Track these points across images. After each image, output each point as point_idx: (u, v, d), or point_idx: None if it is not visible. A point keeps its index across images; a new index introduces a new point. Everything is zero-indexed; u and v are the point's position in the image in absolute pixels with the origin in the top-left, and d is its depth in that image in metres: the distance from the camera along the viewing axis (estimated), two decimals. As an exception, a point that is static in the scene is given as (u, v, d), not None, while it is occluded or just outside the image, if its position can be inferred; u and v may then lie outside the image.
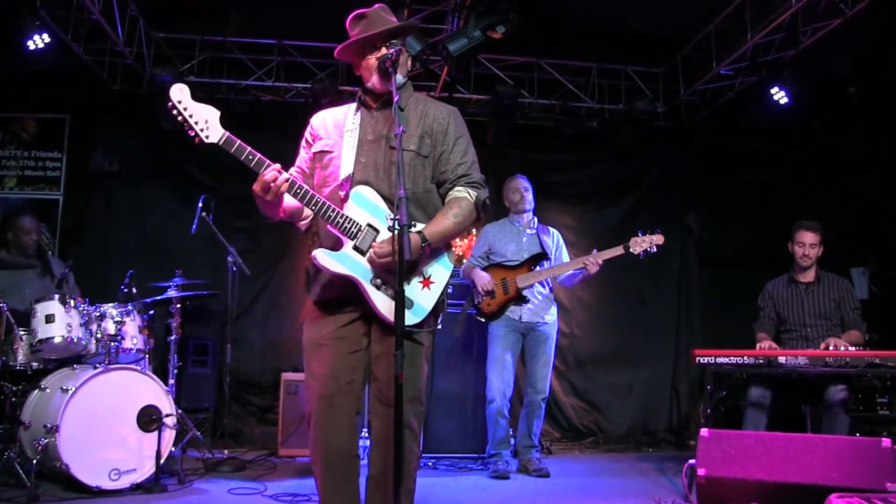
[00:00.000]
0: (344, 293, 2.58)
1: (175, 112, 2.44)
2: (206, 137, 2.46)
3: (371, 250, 2.53)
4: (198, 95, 2.45)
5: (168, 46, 6.26)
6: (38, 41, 5.32)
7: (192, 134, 2.45)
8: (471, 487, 4.61)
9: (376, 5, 2.75)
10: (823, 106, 6.52)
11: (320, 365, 2.59)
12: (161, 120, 5.87)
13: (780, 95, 6.11)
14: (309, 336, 2.66)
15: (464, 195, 2.68)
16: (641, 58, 6.67)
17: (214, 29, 6.21)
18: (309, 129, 2.84)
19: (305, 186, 2.54)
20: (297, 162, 2.84)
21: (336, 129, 2.74)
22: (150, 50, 6.15)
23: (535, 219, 5.29)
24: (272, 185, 2.46)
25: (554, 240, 5.25)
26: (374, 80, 2.67)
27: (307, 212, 2.74)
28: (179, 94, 2.45)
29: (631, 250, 4.80)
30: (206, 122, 2.46)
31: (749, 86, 6.22)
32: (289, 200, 2.62)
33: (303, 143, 2.85)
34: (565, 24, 6.12)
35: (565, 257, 5.23)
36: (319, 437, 2.56)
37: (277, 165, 2.50)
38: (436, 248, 2.63)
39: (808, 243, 4.71)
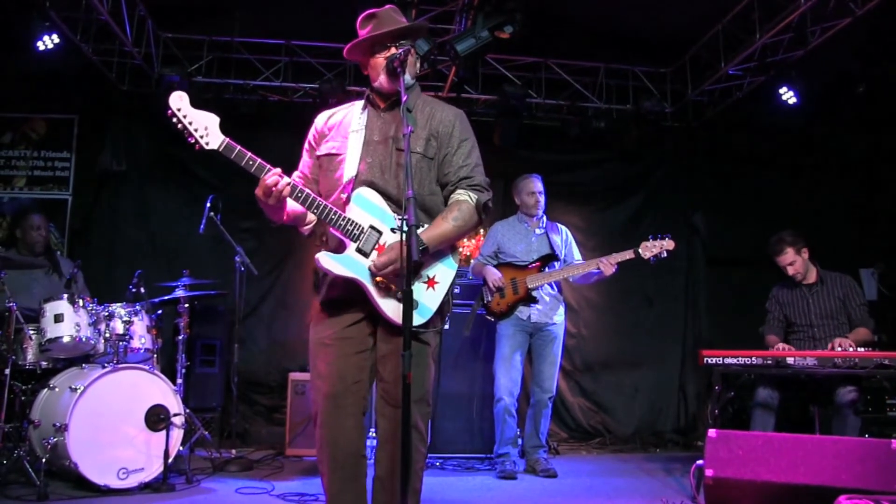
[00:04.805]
0: (350, 293, 2.58)
1: (175, 120, 2.47)
2: (206, 144, 2.48)
3: (371, 264, 2.52)
4: (205, 96, 2.47)
5: (176, 47, 6.27)
6: (48, 42, 5.34)
7: (192, 141, 2.47)
8: (477, 487, 4.61)
9: (387, 6, 2.75)
10: (832, 106, 6.49)
11: (326, 365, 2.59)
12: (167, 119, 5.88)
13: (788, 95, 6.09)
14: (315, 336, 2.66)
15: (464, 198, 2.67)
16: (649, 58, 6.65)
17: (222, 29, 6.22)
18: (313, 131, 2.82)
19: (307, 190, 2.55)
20: (300, 167, 2.83)
21: (342, 129, 2.73)
22: (159, 50, 6.17)
23: (545, 217, 5.28)
24: (274, 189, 2.48)
25: (563, 238, 5.24)
26: (381, 80, 2.66)
27: (310, 217, 2.73)
28: (178, 101, 2.47)
29: (641, 254, 4.79)
30: (206, 128, 2.48)
31: (757, 86, 6.21)
32: (292, 205, 2.62)
33: (306, 146, 2.83)
34: (573, 25, 6.11)
35: (576, 254, 5.23)
36: (325, 437, 2.56)
37: (278, 170, 2.50)
38: (437, 251, 2.63)
39: (785, 263, 4.73)
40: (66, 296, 4.36)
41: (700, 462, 3.74)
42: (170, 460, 4.10)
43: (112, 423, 4.04)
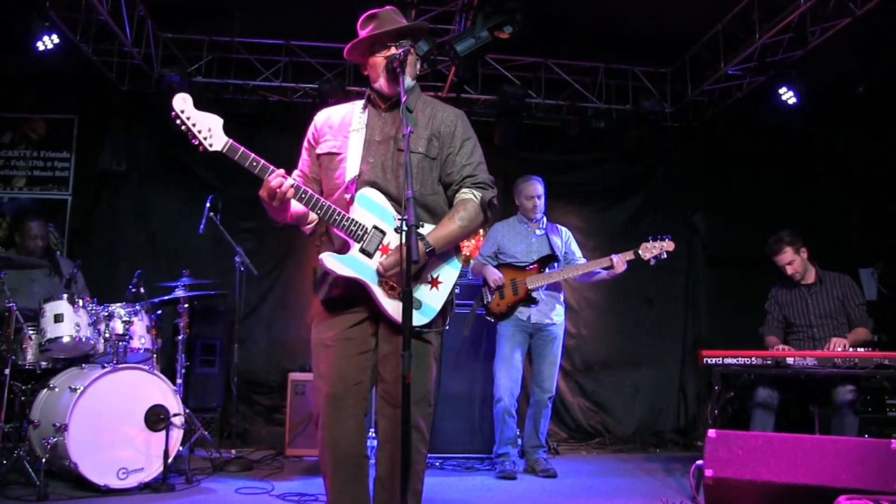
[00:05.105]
0: (351, 292, 2.58)
1: (178, 122, 2.47)
2: (210, 146, 2.48)
3: (378, 265, 2.53)
4: (205, 96, 2.47)
5: (176, 47, 6.27)
6: (47, 42, 5.34)
7: (196, 143, 2.47)
8: (477, 487, 4.61)
9: (387, 7, 2.75)
10: (832, 105, 6.50)
11: (328, 366, 2.59)
12: (169, 120, 5.88)
13: (788, 95, 6.09)
14: (317, 337, 2.66)
15: (469, 196, 2.68)
16: (649, 58, 6.65)
17: (222, 29, 6.22)
18: (312, 129, 2.81)
19: (310, 191, 2.55)
20: (300, 165, 2.82)
21: (342, 128, 2.73)
22: (158, 50, 6.17)
23: (545, 218, 5.28)
24: (278, 191, 2.48)
25: (564, 238, 5.24)
26: (381, 81, 2.66)
27: (312, 216, 2.74)
28: (182, 103, 2.47)
29: (641, 255, 4.80)
30: (210, 130, 2.48)
31: (757, 86, 6.21)
32: (295, 204, 2.62)
33: (305, 144, 2.83)
34: (572, 25, 6.11)
35: (577, 253, 5.23)
36: (327, 439, 2.56)
37: (282, 171, 2.50)
38: (443, 251, 2.63)
39: (784, 263, 4.74)
40: (65, 296, 4.36)
41: (700, 462, 3.74)
42: (169, 460, 4.10)
43: (112, 423, 4.04)
